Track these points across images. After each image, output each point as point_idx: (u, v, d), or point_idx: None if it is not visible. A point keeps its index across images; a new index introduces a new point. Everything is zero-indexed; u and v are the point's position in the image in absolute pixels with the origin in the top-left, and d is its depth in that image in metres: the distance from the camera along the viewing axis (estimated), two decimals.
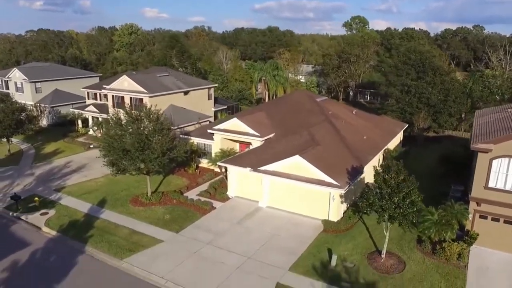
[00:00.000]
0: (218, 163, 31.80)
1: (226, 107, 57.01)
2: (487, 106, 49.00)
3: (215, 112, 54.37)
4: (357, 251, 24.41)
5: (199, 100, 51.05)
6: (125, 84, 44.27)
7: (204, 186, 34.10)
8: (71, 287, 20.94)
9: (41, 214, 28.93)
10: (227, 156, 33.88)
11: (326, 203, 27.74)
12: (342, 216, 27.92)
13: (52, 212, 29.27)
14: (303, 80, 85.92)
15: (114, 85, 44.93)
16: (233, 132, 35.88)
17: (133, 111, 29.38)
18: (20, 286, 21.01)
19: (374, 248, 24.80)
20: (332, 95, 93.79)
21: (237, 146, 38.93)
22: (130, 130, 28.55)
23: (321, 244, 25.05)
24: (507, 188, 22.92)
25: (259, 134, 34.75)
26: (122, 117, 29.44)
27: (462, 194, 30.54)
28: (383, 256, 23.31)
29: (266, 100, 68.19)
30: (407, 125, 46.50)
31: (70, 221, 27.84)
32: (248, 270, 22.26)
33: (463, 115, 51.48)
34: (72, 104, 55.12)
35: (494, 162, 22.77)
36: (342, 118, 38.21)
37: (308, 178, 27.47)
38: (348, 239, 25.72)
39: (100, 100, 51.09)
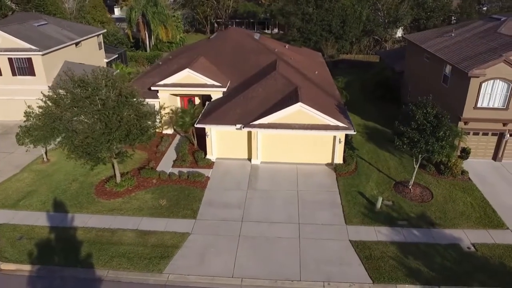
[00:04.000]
0: (197, 125, 26.78)
1: (117, 55, 47.64)
2: (378, 29, 53.69)
3: (108, 63, 45.02)
4: (382, 187, 24.77)
5: (91, 51, 41.18)
6: None
7: (170, 154, 28.75)
8: None
9: None
10: (193, 114, 28.82)
11: (329, 147, 26.81)
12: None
13: None
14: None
15: None
16: (187, 85, 30.33)
17: (88, 79, 21.37)
18: None
19: (391, 180, 25.59)
20: (195, 28, 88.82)
21: (178, 102, 33.53)
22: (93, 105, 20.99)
23: (348, 189, 24.48)
24: (490, 106, 25.86)
25: (220, 84, 30.30)
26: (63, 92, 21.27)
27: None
28: (410, 187, 24.29)
29: (148, 43, 59.58)
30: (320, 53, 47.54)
31: (36, 244, 20.02)
32: (312, 237, 20.33)
33: (354, 39, 55.26)
34: None
35: (483, 85, 25.15)
36: (287, 55, 36.31)
37: (313, 125, 25.69)
38: (365, 178, 25.80)
39: None
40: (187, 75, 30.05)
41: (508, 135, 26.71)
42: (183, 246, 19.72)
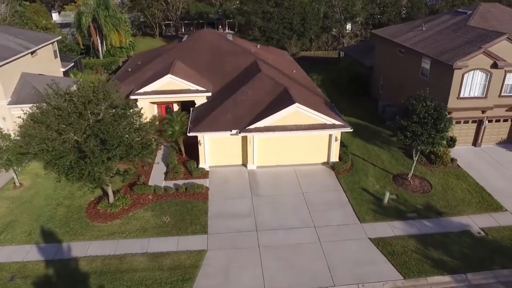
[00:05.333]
0: (190, 133, 25.34)
1: (73, 63, 44.13)
2: (336, 25, 54.74)
3: (65, 72, 41.57)
4: (382, 182, 25.11)
5: (48, 61, 37.75)
6: None
7: (159, 166, 27.06)
8: None
9: None
10: (181, 122, 27.28)
11: (324, 145, 26.69)
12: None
13: None
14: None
15: None
16: (169, 92, 28.70)
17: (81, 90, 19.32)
18: None
19: (388, 173, 26.01)
20: (142, 32, 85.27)
21: (155, 110, 31.74)
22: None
23: (351, 186, 24.51)
24: (471, 95, 27.18)
25: (205, 89, 29.02)
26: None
27: (396, 109, 33.92)
28: (410, 179, 24.84)
29: (100, 49, 55.88)
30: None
31: (33, 283, 17.72)
32: (332, 239, 20.03)
33: (313, 36, 55.96)
34: None
35: (465, 76, 26.35)
36: (263, 55, 35.71)
37: (310, 125, 25.38)
38: (363, 174, 25.99)
39: None
40: (169, 81, 28.44)
41: (487, 122, 28.28)
42: (203, 265, 18.50)
